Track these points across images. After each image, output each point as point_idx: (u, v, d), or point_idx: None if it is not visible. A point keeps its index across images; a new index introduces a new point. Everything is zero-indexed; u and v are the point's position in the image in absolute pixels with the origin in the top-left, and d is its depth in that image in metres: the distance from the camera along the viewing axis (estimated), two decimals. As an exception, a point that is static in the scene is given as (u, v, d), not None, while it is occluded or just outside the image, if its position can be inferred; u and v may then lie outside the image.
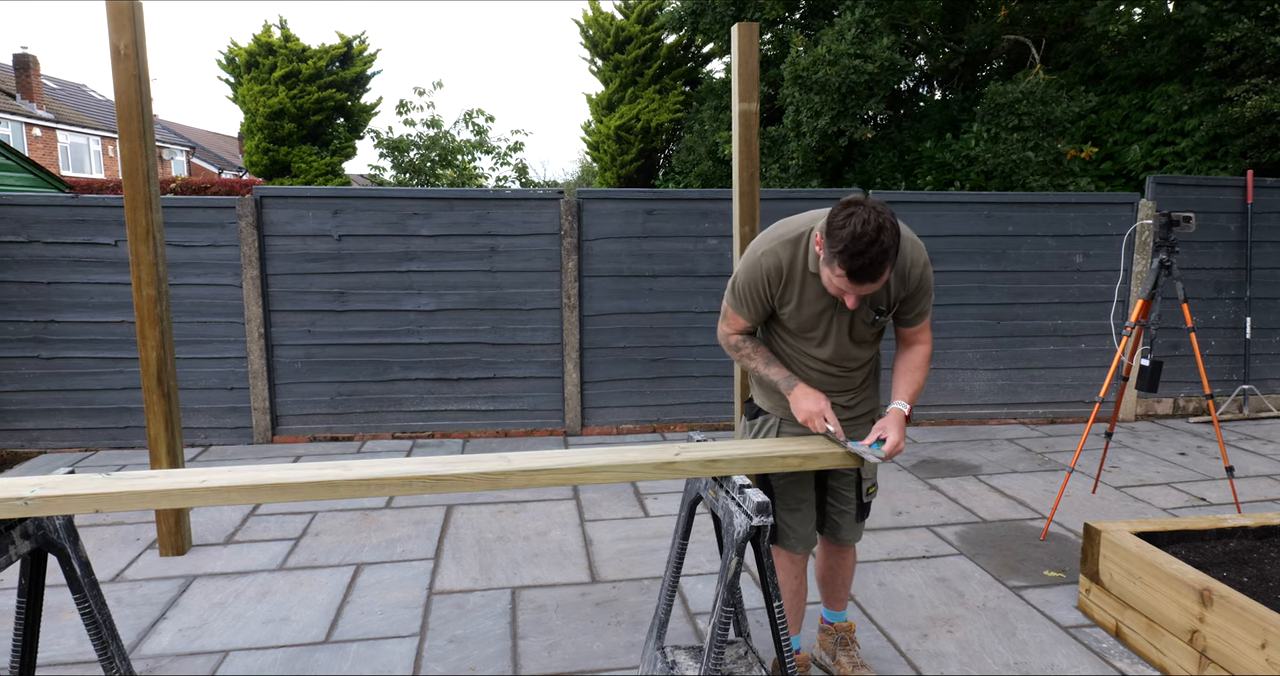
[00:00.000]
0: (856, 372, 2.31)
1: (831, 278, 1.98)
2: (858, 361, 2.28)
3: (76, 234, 5.06)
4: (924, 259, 2.17)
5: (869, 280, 1.92)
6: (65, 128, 28.60)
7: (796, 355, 2.28)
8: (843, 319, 2.18)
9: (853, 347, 2.24)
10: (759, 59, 3.81)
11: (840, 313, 2.17)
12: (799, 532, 2.42)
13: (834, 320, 2.18)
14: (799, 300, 2.16)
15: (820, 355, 2.25)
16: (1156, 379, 3.80)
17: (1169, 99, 9.01)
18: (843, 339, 2.21)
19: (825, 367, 2.27)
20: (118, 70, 3.30)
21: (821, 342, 2.23)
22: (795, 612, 2.57)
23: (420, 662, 2.69)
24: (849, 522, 2.48)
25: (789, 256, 2.13)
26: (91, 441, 5.26)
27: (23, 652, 1.93)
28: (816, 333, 2.21)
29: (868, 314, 2.17)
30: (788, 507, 2.40)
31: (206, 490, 1.82)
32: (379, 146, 15.34)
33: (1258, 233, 5.91)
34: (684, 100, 15.92)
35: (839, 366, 2.27)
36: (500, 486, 1.93)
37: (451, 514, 4.08)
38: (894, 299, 2.18)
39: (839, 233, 1.88)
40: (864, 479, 2.43)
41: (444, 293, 5.38)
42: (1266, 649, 2.25)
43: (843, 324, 2.19)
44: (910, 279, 2.15)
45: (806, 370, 2.29)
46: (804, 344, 2.25)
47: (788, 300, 2.17)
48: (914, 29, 11.83)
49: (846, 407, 2.33)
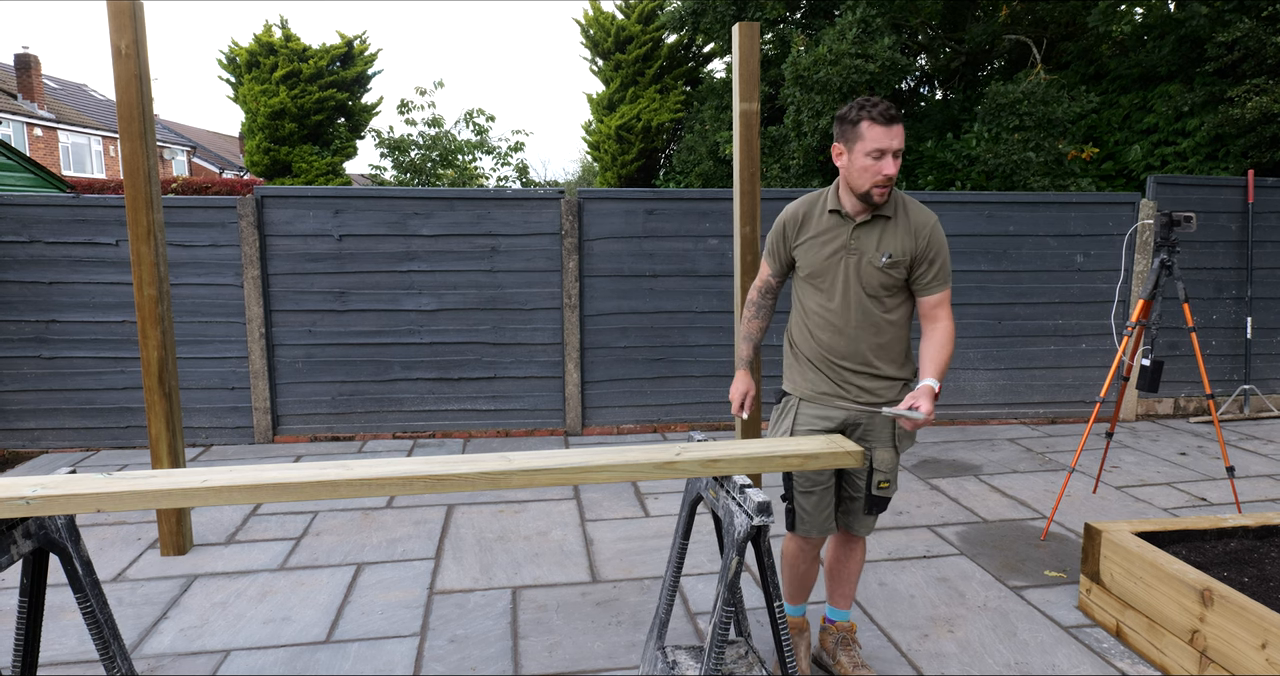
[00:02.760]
0: (860, 338, 2.36)
1: (867, 150, 2.21)
2: (864, 321, 2.35)
3: (78, 234, 5.07)
4: (934, 220, 2.36)
5: (896, 121, 2.20)
6: (66, 128, 28.62)
7: (813, 314, 2.41)
8: (852, 260, 2.33)
9: (866, 300, 2.34)
10: (760, 59, 3.81)
11: (850, 253, 2.33)
12: (814, 517, 2.46)
13: (844, 263, 2.34)
14: (814, 235, 2.38)
15: (832, 307, 2.37)
16: (1157, 379, 3.80)
17: (1170, 99, 9.01)
18: (852, 285, 2.34)
19: (826, 325, 2.38)
20: (119, 70, 3.30)
21: (833, 289, 2.36)
22: (801, 588, 2.65)
23: (421, 662, 2.70)
24: (858, 513, 2.50)
25: (809, 203, 2.44)
26: (93, 441, 5.26)
27: (24, 652, 1.93)
28: (829, 277, 2.36)
29: (875, 256, 2.31)
30: (802, 490, 2.45)
31: (207, 490, 1.82)
32: (380, 146, 15.34)
33: (1258, 232, 5.91)
34: (685, 100, 15.92)
35: (839, 324, 2.36)
36: (501, 486, 1.93)
37: (452, 513, 4.08)
38: (904, 249, 2.32)
39: (851, 108, 2.25)
40: (876, 471, 2.44)
41: (445, 292, 5.38)
42: (1267, 649, 2.25)
43: (852, 266, 2.33)
44: (921, 235, 2.32)
45: (809, 334, 2.42)
46: (819, 296, 2.39)
47: (804, 235, 2.40)
48: (915, 29, 11.83)
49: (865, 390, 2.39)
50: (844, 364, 2.38)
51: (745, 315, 2.65)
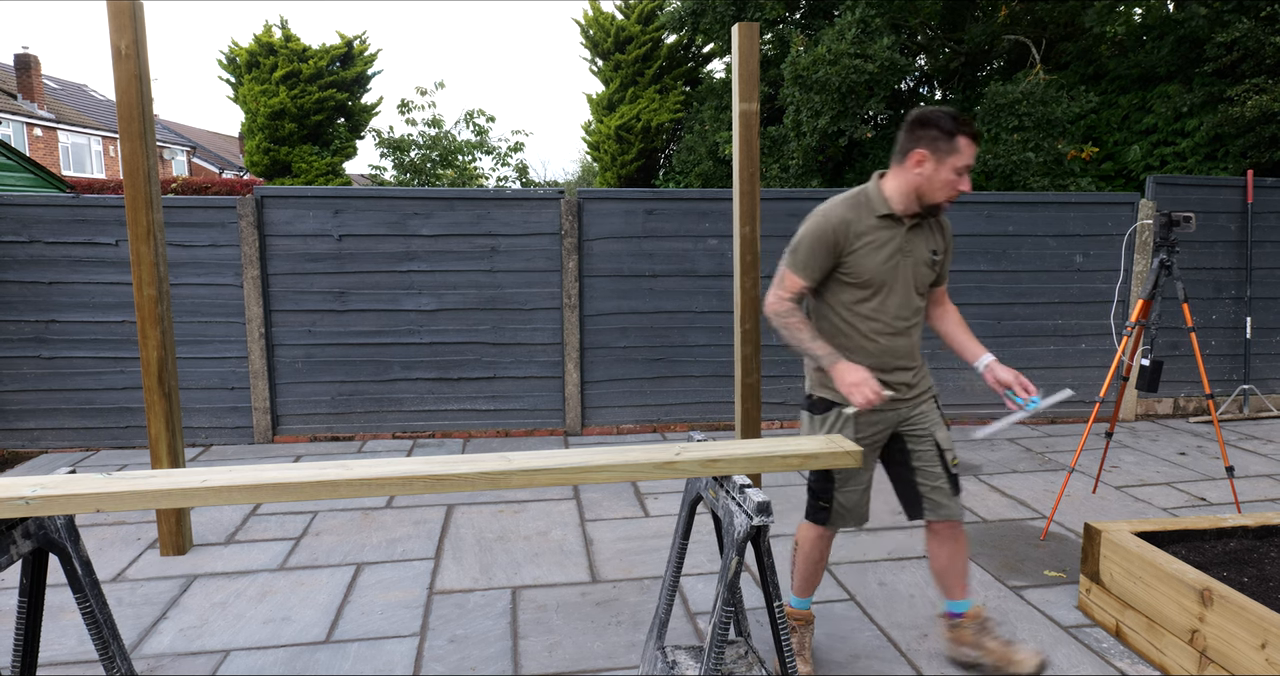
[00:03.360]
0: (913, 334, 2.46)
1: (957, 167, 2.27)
2: (915, 319, 2.45)
3: (77, 234, 5.07)
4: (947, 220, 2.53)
5: (978, 138, 2.31)
6: (66, 128, 28.62)
7: (855, 323, 2.40)
8: (906, 262, 2.38)
9: (915, 298, 2.43)
10: (759, 59, 3.81)
11: (904, 255, 2.38)
12: (852, 513, 2.52)
13: (899, 267, 2.38)
14: (869, 244, 2.35)
15: (890, 309, 2.39)
16: (1157, 379, 3.80)
17: (1169, 99, 9.01)
18: (908, 287, 2.40)
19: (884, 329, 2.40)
20: (119, 70, 3.30)
21: (888, 294, 2.38)
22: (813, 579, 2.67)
23: (420, 662, 2.70)
24: (946, 497, 2.50)
25: (853, 210, 2.37)
26: (92, 441, 5.26)
27: (24, 652, 1.93)
28: (886, 281, 2.37)
29: (926, 255, 2.41)
30: (846, 489, 2.49)
31: (207, 490, 1.82)
32: (380, 146, 15.34)
33: (1258, 232, 5.91)
34: (684, 100, 15.92)
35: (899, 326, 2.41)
36: (501, 486, 1.93)
37: (452, 513, 4.08)
38: (940, 246, 2.47)
39: (942, 118, 2.26)
40: (944, 449, 2.49)
41: (444, 292, 5.38)
42: (1267, 649, 2.25)
43: (907, 267, 2.38)
44: (946, 233, 2.50)
45: (864, 340, 2.41)
46: (874, 300, 2.38)
47: (857, 246, 2.34)
48: (914, 29, 11.83)
49: (910, 385, 2.46)
50: (899, 363, 2.44)
51: (793, 322, 2.37)
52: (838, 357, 2.32)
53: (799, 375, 5.67)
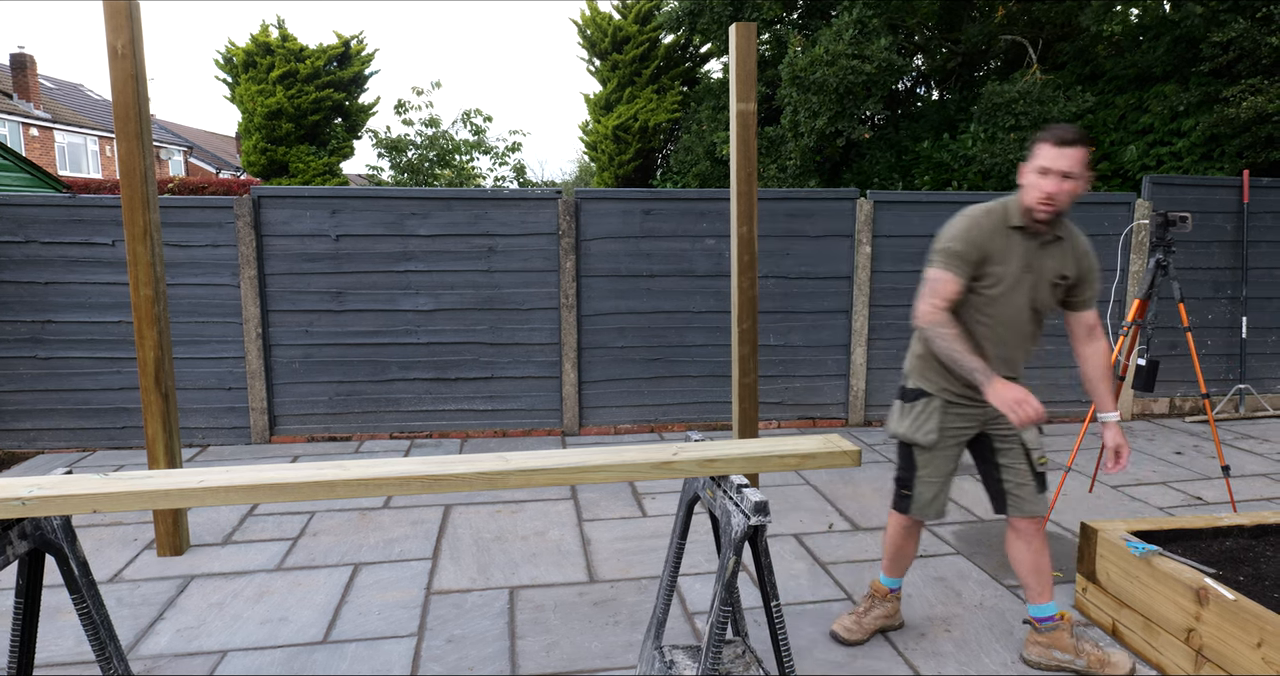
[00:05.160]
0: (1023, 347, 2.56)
1: (1035, 168, 2.36)
2: (1027, 333, 2.54)
3: (74, 234, 5.06)
4: (1090, 247, 2.54)
5: (1069, 145, 2.31)
6: (62, 127, 28.55)
7: (981, 324, 2.49)
8: (1029, 278, 2.46)
9: (1033, 314, 2.51)
10: (757, 59, 3.81)
11: (1031, 269, 2.46)
12: (932, 505, 2.63)
13: (1024, 280, 2.46)
14: (1006, 252, 2.44)
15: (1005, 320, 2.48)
16: (1153, 378, 3.82)
17: (1165, 99, 9.03)
18: (1027, 301, 2.47)
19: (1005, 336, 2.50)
20: (115, 70, 3.30)
21: (1009, 304, 2.47)
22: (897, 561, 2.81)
23: (418, 662, 2.70)
24: (1030, 494, 2.58)
25: (996, 216, 2.47)
26: (89, 441, 5.25)
27: (20, 653, 1.93)
28: (1009, 292, 2.45)
29: (1054, 275, 2.48)
30: (927, 481, 2.61)
31: (204, 490, 1.82)
32: (377, 146, 15.31)
33: (1253, 232, 5.93)
34: (682, 100, 15.92)
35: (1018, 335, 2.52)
36: (498, 486, 1.93)
37: (449, 514, 4.08)
38: (1070, 270, 2.49)
39: (1047, 130, 2.38)
40: (1031, 449, 2.57)
41: (442, 292, 5.38)
42: (1262, 647, 2.26)
43: (1033, 283, 2.46)
44: (1087, 257, 2.52)
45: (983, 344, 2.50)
46: (992, 308, 2.47)
47: (995, 251, 2.43)
48: (911, 29, 11.84)
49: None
50: (1004, 373, 2.53)
51: (949, 334, 2.37)
52: (993, 375, 2.33)
53: (797, 375, 5.67)
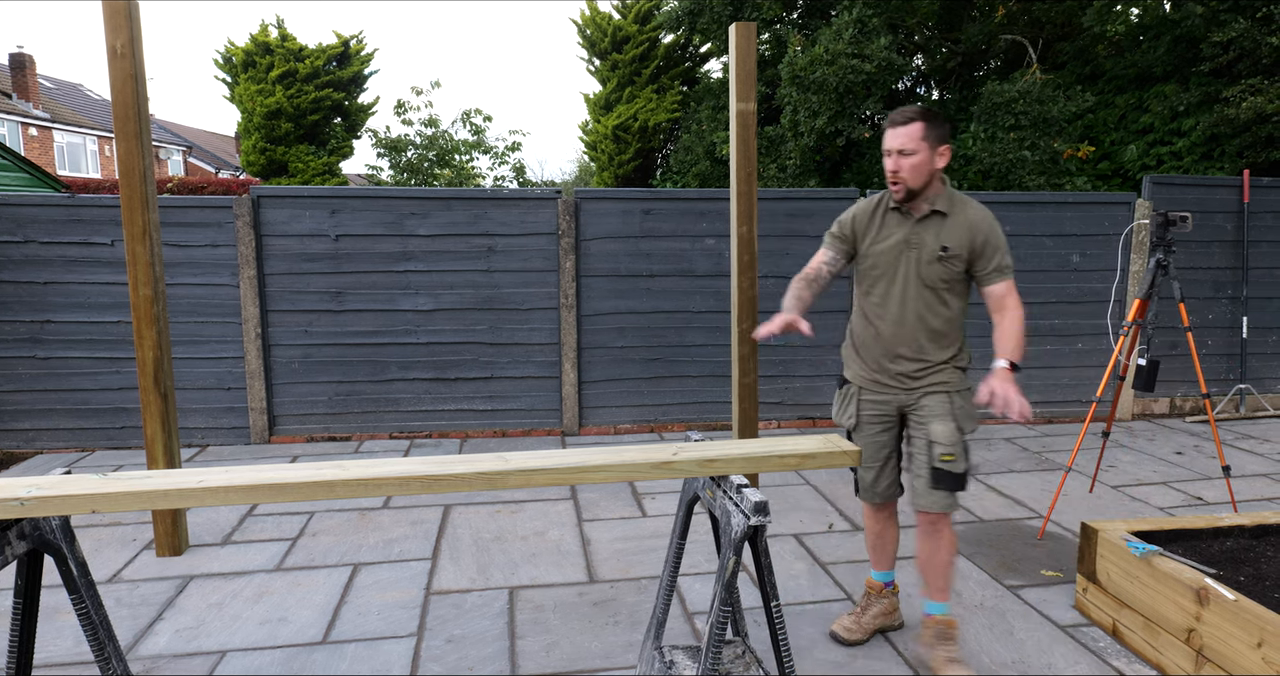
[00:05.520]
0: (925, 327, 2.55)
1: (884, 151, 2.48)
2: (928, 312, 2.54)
3: (73, 234, 5.05)
4: (990, 219, 2.53)
5: (899, 125, 2.43)
6: (62, 127, 28.54)
7: (874, 306, 2.60)
8: (911, 254, 2.52)
9: (925, 291, 2.52)
10: (756, 59, 3.81)
11: (910, 247, 2.53)
12: (872, 487, 2.75)
13: (903, 255, 2.53)
14: (879, 231, 2.57)
15: (892, 298, 2.55)
16: (1153, 378, 3.81)
17: (1165, 99, 9.03)
18: (912, 276, 2.52)
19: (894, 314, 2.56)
20: (114, 69, 3.29)
21: (893, 282, 2.55)
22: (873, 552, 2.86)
23: (418, 662, 2.69)
24: (922, 488, 2.58)
25: (873, 202, 2.64)
26: (88, 442, 5.25)
27: (19, 653, 1.92)
28: (889, 269, 2.55)
29: (933, 251, 2.50)
30: (864, 465, 2.73)
31: (204, 490, 1.82)
32: (376, 146, 15.31)
33: (1254, 232, 5.92)
34: (681, 100, 15.91)
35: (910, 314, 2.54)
36: (498, 486, 1.93)
37: (449, 514, 4.08)
38: (962, 244, 2.49)
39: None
40: (935, 444, 2.53)
41: (441, 292, 5.38)
42: (1263, 648, 2.25)
43: (911, 259, 2.52)
44: (980, 228, 2.50)
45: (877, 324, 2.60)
46: (879, 288, 2.58)
47: (869, 230, 2.59)
48: (911, 29, 11.84)
49: (911, 376, 2.59)
50: (899, 351, 2.58)
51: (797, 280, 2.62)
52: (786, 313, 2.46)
53: (796, 375, 5.67)
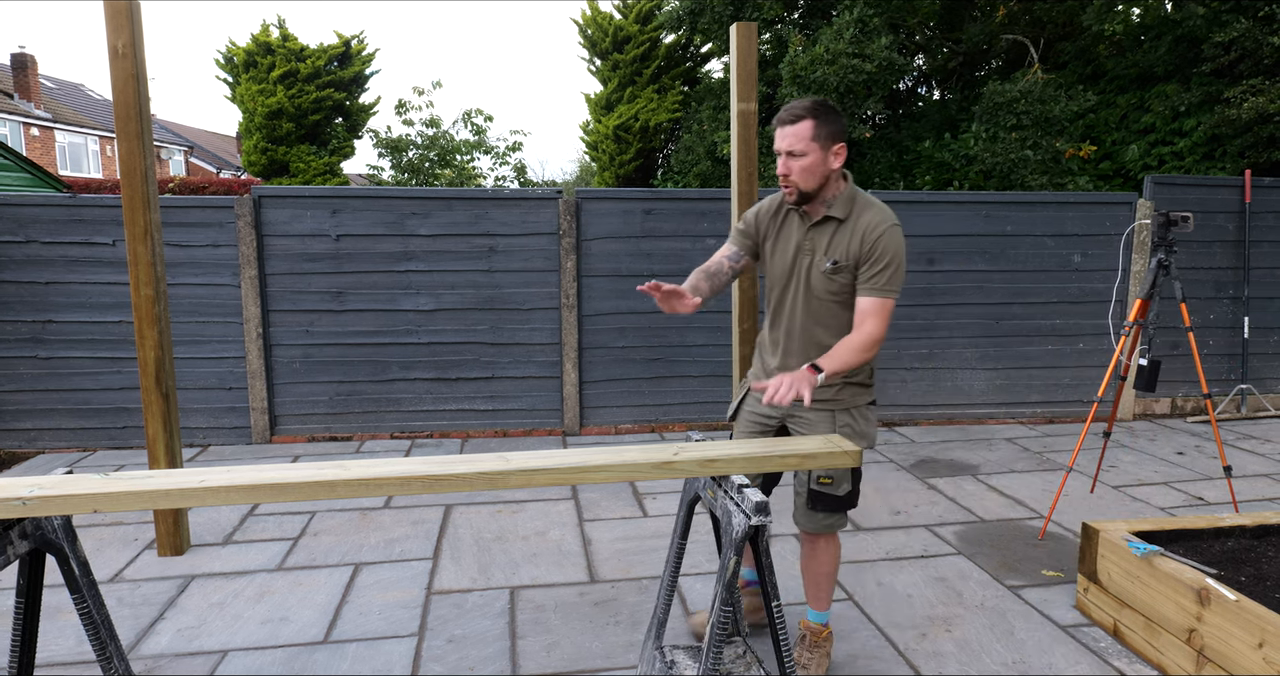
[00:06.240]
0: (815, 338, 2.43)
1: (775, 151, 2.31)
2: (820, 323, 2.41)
3: (74, 234, 5.06)
4: (890, 226, 2.28)
5: (788, 123, 2.25)
6: (63, 127, 28.57)
7: (772, 314, 2.52)
8: (804, 261, 2.39)
9: (814, 301, 2.39)
10: (757, 59, 3.81)
11: (803, 252, 2.39)
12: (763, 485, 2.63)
13: (797, 261, 2.40)
14: (779, 233, 2.45)
15: (786, 304, 2.46)
16: (1154, 378, 3.81)
17: (1167, 99, 9.02)
18: (804, 285, 2.40)
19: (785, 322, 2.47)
20: (116, 70, 3.30)
21: (787, 286, 2.44)
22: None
23: (419, 662, 2.69)
24: (800, 505, 2.53)
25: (778, 199, 2.47)
26: (89, 441, 5.25)
27: (21, 652, 1.93)
28: (784, 275, 2.44)
29: (822, 260, 2.35)
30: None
31: (205, 490, 1.82)
32: (377, 146, 15.31)
33: (1255, 232, 5.92)
34: (682, 100, 15.90)
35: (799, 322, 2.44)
36: (499, 486, 1.93)
37: (450, 514, 4.08)
38: (851, 253, 2.31)
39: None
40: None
41: (442, 292, 5.38)
42: (1264, 648, 2.25)
43: (804, 266, 2.39)
44: (869, 237, 2.28)
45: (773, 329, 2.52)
46: (774, 292, 2.49)
47: (770, 230, 2.46)
48: (912, 29, 11.83)
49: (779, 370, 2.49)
50: (789, 362, 2.46)
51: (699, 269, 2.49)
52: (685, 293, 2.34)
53: (797, 375, 5.67)
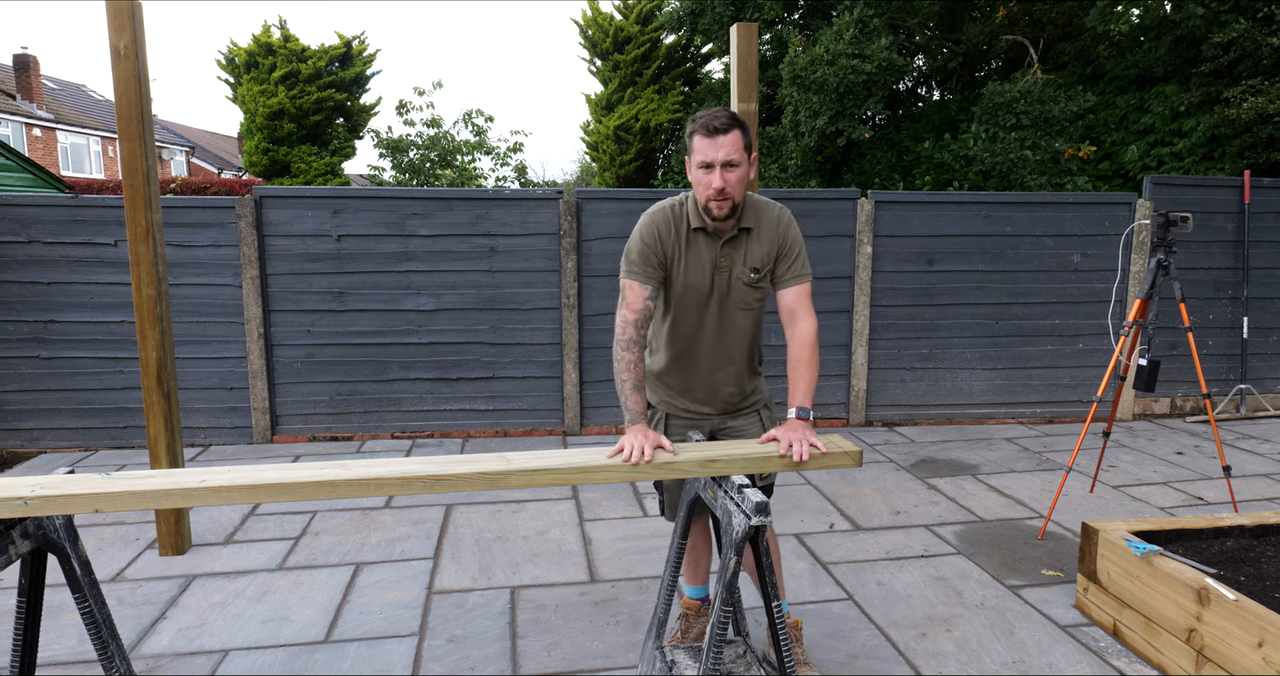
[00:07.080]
0: (737, 349, 2.37)
1: (696, 163, 2.16)
2: (741, 334, 2.35)
3: (76, 234, 5.07)
4: (786, 213, 2.31)
5: (720, 132, 2.11)
6: (65, 128, 28.59)
7: (686, 329, 2.34)
8: (722, 278, 2.28)
9: (738, 314, 2.32)
10: (758, 59, 3.81)
11: (720, 270, 2.27)
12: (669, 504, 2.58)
13: (715, 280, 2.28)
14: (687, 256, 2.27)
15: (707, 324, 2.32)
16: (1154, 378, 3.81)
17: (1166, 99, 9.02)
18: (726, 301, 2.30)
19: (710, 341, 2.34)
20: (117, 70, 3.31)
21: (705, 307, 2.30)
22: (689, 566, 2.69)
23: (419, 662, 2.70)
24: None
25: (673, 214, 2.29)
26: (91, 441, 5.26)
27: (23, 652, 1.93)
28: (701, 296, 2.29)
29: (744, 272, 2.28)
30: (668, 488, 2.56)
31: (206, 490, 1.83)
32: (378, 146, 15.33)
33: (1254, 233, 5.92)
34: (683, 100, 15.91)
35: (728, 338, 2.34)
36: (499, 486, 1.93)
37: (451, 513, 4.09)
38: (770, 256, 2.28)
39: (693, 120, 2.17)
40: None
41: (443, 292, 5.39)
42: (1263, 647, 2.26)
43: (723, 282, 2.28)
44: (779, 231, 2.28)
45: (694, 357, 2.37)
46: (691, 313, 2.32)
47: (678, 254, 2.27)
48: (912, 29, 11.83)
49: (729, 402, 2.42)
50: (717, 379, 2.39)
51: (630, 360, 2.20)
52: (635, 419, 2.16)
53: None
